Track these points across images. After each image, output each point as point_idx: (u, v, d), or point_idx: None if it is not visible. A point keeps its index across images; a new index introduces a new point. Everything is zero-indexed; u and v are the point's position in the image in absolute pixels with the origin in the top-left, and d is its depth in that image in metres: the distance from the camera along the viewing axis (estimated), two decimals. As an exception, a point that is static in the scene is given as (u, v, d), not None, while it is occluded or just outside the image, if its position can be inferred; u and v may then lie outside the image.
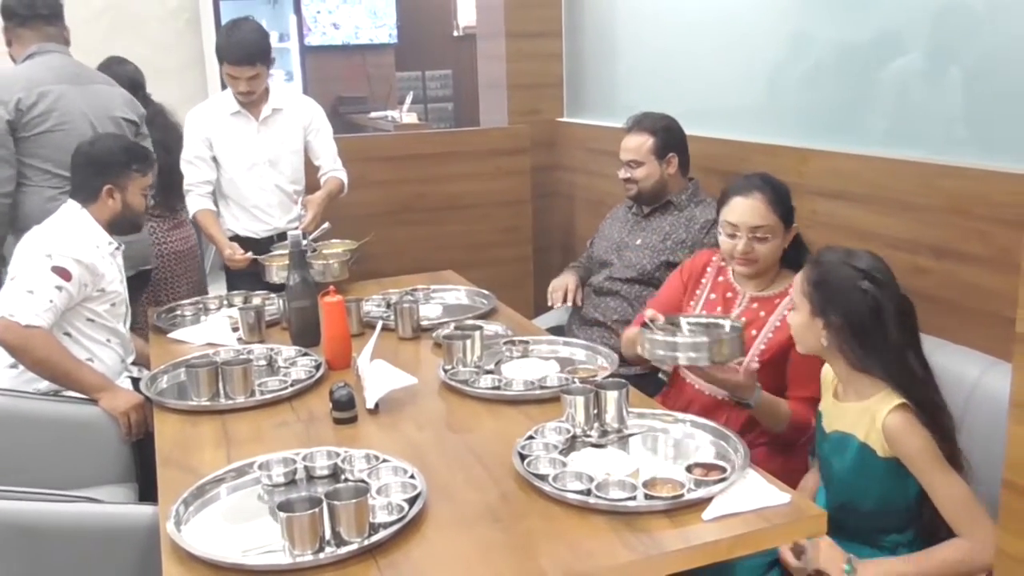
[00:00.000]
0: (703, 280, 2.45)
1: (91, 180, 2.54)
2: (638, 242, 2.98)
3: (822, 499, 1.96)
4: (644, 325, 2.10)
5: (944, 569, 1.72)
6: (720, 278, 2.42)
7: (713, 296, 2.40)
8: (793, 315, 1.92)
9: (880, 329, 1.77)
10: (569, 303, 3.09)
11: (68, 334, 2.46)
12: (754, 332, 2.27)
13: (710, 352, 1.95)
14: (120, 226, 2.61)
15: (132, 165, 2.58)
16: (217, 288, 3.68)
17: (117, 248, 2.61)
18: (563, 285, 3.12)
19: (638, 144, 2.94)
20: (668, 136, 2.94)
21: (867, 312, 1.78)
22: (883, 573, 1.76)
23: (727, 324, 2.10)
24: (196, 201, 3.16)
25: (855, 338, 1.79)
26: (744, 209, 2.24)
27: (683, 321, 2.13)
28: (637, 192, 2.97)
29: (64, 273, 2.37)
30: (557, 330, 3.10)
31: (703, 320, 2.15)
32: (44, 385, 2.42)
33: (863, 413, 1.80)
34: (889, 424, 1.74)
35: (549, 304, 3.14)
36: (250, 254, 3.04)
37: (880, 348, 1.78)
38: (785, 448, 2.22)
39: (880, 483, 1.79)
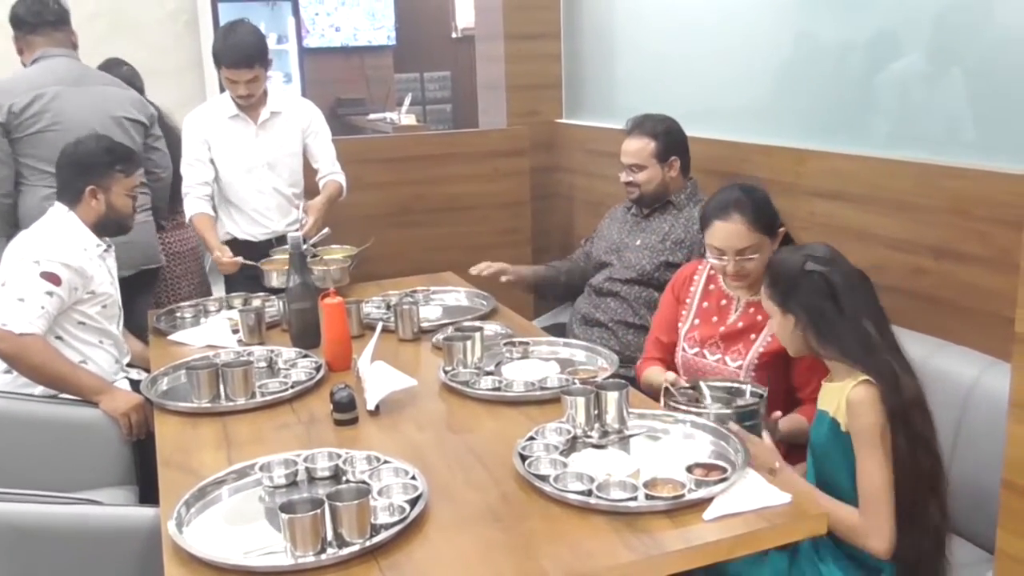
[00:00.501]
0: (692, 289, 2.45)
1: (74, 181, 2.53)
2: (637, 243, 2.97)
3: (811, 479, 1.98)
4: (666, 391, 2.08)
5: (831, 519, 1.75)
6: (711, 287, 2.42)
7: (706, 305, 2.40)
8: (773, 324, 1.98)
9: (835, 306, 1.83)
10: (486, 274, 3.12)
11: (60, 338, 2.46)
12: (752, 336, 2.27)
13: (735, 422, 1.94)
14: (106, 227, 2.59)
15: (115, 166, 2.55)
16: (216, 291, 3.68)
17: (106, 249, 2.60)
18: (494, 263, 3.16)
19: (639, 148, 2.92)
20: (670, 139, 2.92)
21: (820, 293, 1.84)
22: (791, 480, 1.83)
23: (747, 389, 2.07)
24: (193, 204, 3.15)
25: (814, 324, 1.85)
26: (726, 234, 2.23)
27: (703, 386, 2.08)
28: (639, 196, 2.97)
29: (53, 278, 2.36)
30: (557, 330, 3.10)
31: (724, 384, 2.11)
32: (41, 388, 2.42)
33: (837, 391, 1.84)
34: (851, 397, 1.78)
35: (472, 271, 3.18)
36: (239, 259, 3.01)
37: (838, 328, 1.82)
38: (794, 445, 2.21)
39: (848, 458, 1.82)
